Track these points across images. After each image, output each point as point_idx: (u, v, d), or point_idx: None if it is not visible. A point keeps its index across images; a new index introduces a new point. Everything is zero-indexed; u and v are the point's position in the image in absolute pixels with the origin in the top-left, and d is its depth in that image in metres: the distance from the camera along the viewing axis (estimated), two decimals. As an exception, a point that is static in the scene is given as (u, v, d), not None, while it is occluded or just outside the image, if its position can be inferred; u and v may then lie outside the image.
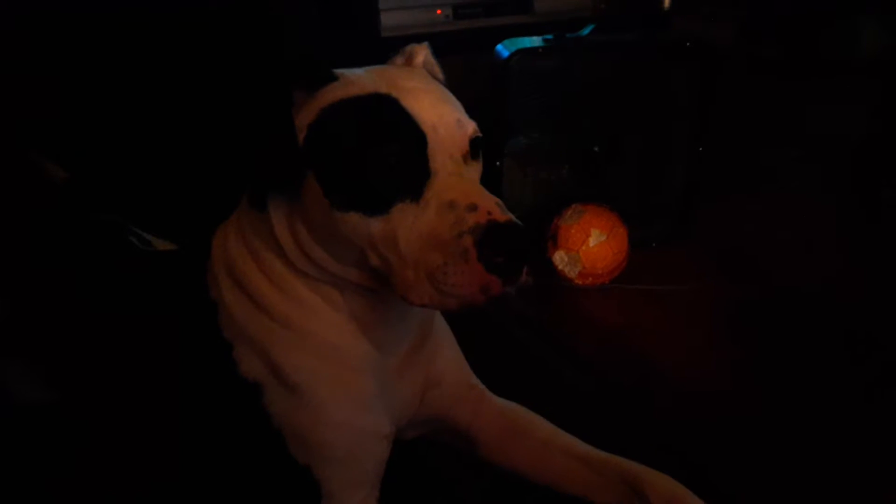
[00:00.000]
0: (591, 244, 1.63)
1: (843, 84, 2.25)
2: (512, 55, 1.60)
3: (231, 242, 0.83)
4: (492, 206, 0.67)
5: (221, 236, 0.85)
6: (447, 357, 0.95)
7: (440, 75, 0.90)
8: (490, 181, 1.71)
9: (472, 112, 0.81)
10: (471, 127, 0.77)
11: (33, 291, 0.91)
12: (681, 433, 1.12)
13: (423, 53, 0.87)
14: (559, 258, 1.65)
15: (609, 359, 1.38)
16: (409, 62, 0.87)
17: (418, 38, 1.69)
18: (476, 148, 0.77)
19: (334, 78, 0.76)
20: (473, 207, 0.67)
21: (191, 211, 1.00)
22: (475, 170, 0.77)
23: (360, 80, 0.76)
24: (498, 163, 1.67)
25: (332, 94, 0.75)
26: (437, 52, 0.91)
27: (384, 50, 1.64)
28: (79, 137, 1.18)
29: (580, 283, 1.65)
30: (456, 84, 0.91)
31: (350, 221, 0.72)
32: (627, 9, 1.83)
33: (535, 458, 0.93)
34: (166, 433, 0.87)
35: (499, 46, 1.63)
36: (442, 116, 0.74)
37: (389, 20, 1.63)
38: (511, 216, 0.68)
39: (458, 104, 0.79)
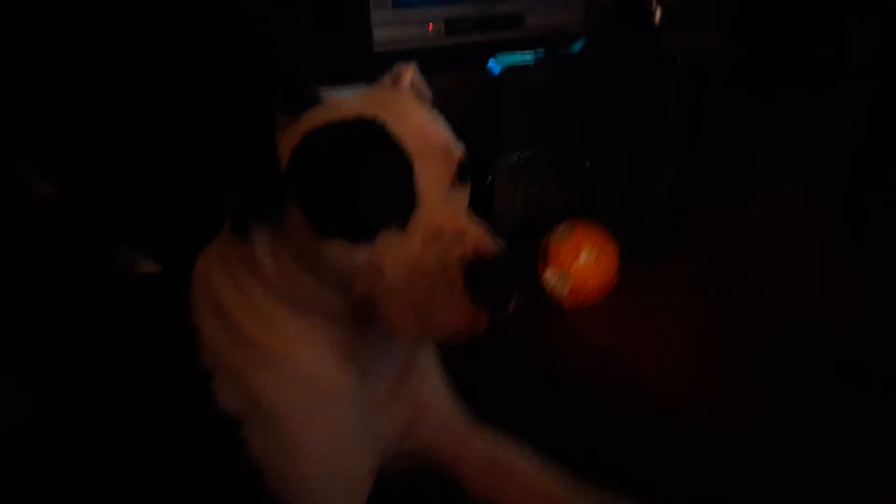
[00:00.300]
0: (581, 262, 1.62)
1: (835, 90, 2.25)
2: (503, 71, 1.59)
3: (213, 269, 0.81)
4: (479, 236, 0.65)
5: (204, 262, 0.83)
6: (433, 388, 0.93)
7: (428, 94, 0.88)
8: (481, 197, 1.72)
9: (463, 128, 0.79)
10: (458, 151, 0.74)
11: (12, 311, 0.90)
12: (672, 452, 1.11)
13: (410, 74, 0.85)
14: (550, 276, 1.64)
15: (600, 376, 1.37)
16: (396, 83, 0.85)
17: (410, 54, 1.68)
18: (464, 172, 0.75)
19: (319, 100, 0.74)
20: (460, 237, 0.65)
21: (178, 231, 0.98)
22: (463, 194, 0.75)
23: (345, 103, 0.74)
24: (489, 178, 1.66)
25: (316, 117, 0.72)
26: (429, 68, 0.89)
27: (376, 65, 1.65)
28: (66, 152, 1.16)
29: (571, 300, 1.64)
30: (447, 99, 0.90)
31: (334, 249, 0.69)
32: (618, 23, 1.83)
33: (519, 497, 0.91)
34: (144, 461, 0.85)
35: (490, 62, 1.62)
36: (429, 141, 0.71)
37: (382, 35, 1.61)
38: (498, 246, 0.66)
39: (445, 128, 0.77)
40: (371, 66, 1.71)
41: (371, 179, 0.68)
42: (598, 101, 1.68)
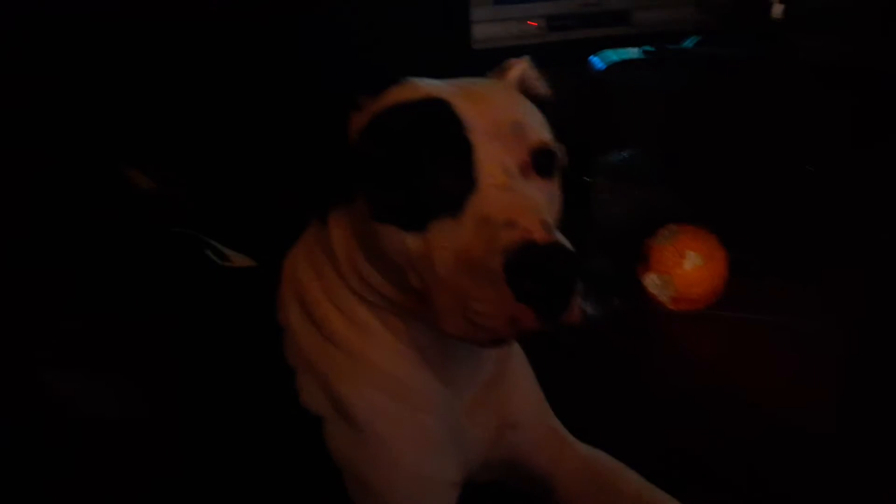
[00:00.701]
0: (686, 267, 1.54)
1: None
2: (608, 67, 1.53)
3: (300, 262, 0.80)
4: (533, 224, 0.57)
5: (293, 255, 0.82)
6: (525, 396, 0.88)
7: (542, 90, 0.81)
8: (579, 198, 1.66)
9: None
10: (535, 136, 0.68)
11: (104, 305, 0.92)
12: (774, 474, 1.03)
13: (520, 68, 0.80)
14: (651, 280, 1.57)
15: (701, 388, 1.29)
16: (501, 76, 0.81)
17: (510, 51, 1.65)
18: (545, 161, 0.68)
19: (399, 82, 0.71)
20: (511, 224, 0.58)
21: (272, 225, 0.98)
22: (540, 186, 0.67)
23: (421, 84, 0.70)
24: (588, 179, 1.61)
25: (389, 98, 0.70)
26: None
27: (476, 62, 1.62)
28: (164, 148, 1.20)
29: (673, 307, 1.57)
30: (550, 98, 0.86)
31: (386, 235, 0.65)
32: (734, 21, 1.72)
33: None
34: (226, 458, 0.85)
35: (593, 58, 1.56)
36: (498, 121, 0.66)
37: (481, 32, 1.59)
38: (559, 238, 0.58)
39: (529, 112, 0.71)
40: (469, 64, 1.70)
41: (424, 159, 0.64)
42: (708, 102, 1.59)
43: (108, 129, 1.19)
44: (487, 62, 1.36)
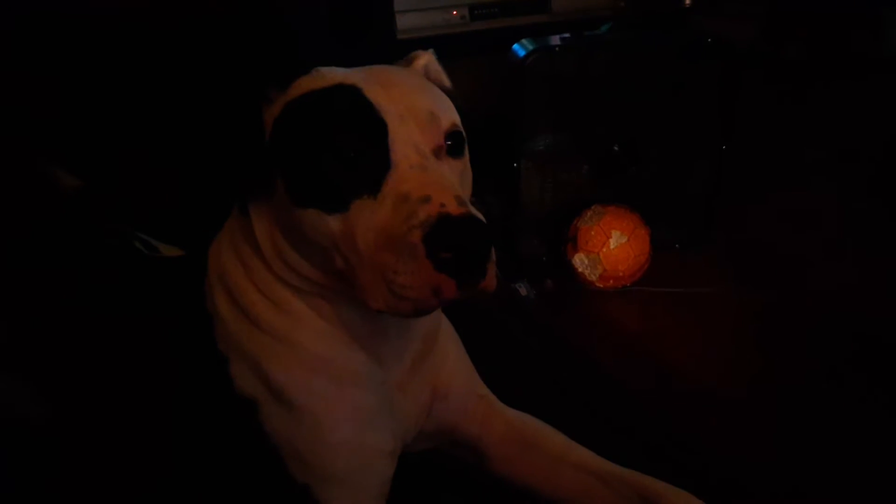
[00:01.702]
0: (611, 246, 1.59)
1: (872, 83, 2.18)
2: (528, 54, 1.57)
3: (224, 252, 0.80)
4: (447, 199, 0.61)
5: (217, 245, 0.83)
6: (454, 366, 0.91)
7: (446, 82, 0.84)
8: (507, 183, 1.70)
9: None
10: (447, 120, 0.71)
11: (31, 304, 0.91)
12: (698, 440, 1.09)
13: (424, 58, 0.83)
14: (579, 260, 1.62)
15: (628, 363, 1.35)
16: (408, 65, 0.83)
17: (434, 40, 1.68)
18: (454, 143, 0.71)
19: (307, 72, 0.73)
20: (426, 199, 0.61)
21: (198, 215, 0.99)
22: (453, 167, 0.71)
23: (331, 73, 0.72)
24: (515, 164, 1.65)
25: (299, 87, 0.72)
26: (454, 54, 0.87)
27: (400, 52, 1.64)
28: (87, 144, 1.18)
29: (601, 285, 1.62)
30: (473, 85, 0.88)
31: (309, 219, 0.68)
32: (647, 7, 1.79)
33: (547, 473, 0.89)
34: (162, 447, 0.85)
35: (515, 46, 1.60)
36: (410, 107, 0.68)
37: (405, 22, 1.61)
38: (472, 210, 0.61)
39: (438, 98, 0.74)
40: (394, 54, 1.72)
41: (341, 144, 0.66)
42: (626, 85, 1.65)
43: (27, 127, 1.16)
44: (411, 51, 1.38)
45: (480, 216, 0.62)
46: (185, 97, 1.19)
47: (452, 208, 0.60)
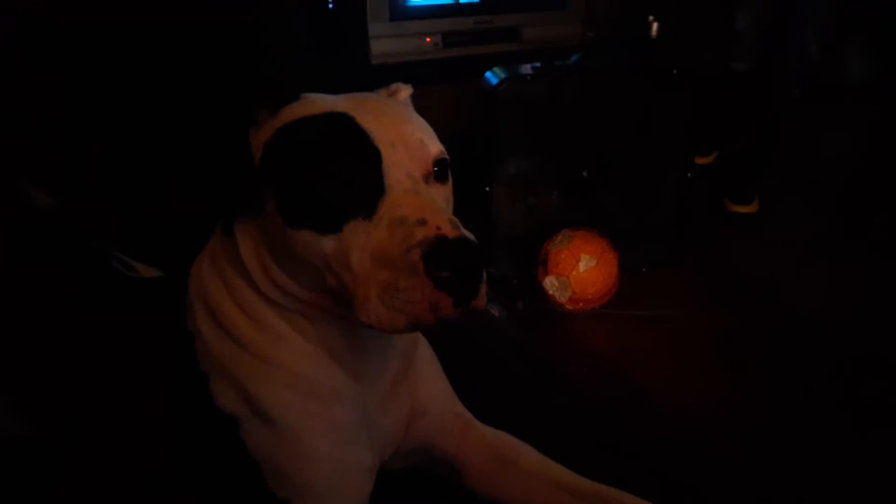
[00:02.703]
0: (581, 269, 1.63)
1: (836, 111, 2.27)
2: (500, 82, 1.61)
3: (205, 271, 0.81)
4: (442, 222, 0.64)
5: (198, 265, 0.83)
6: (432, 385, 0.92)
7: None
8: (480, 206, 1.73)
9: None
10: (435, 148, 0.74)
11: (10, 322, 0.90)
12: (669, 458, 1.11)
13: (407, 92, 0.86)
14: (550, 283, 1.65)
15: (599, 383, 1.38)
16: (391, 95, 0.86)
17: (408, 66, 1.71)
18: (441, 169, 0.74)
19: (297, 98, 0.75)
20: (423, 222, 0.64)
21: (177, 236, 0.99)
22: (440, 191, 0.74)
23: (321, 100, 0.75)
24: (487, 188, 1.68)
25: (291, 113, 0.74)
26: (427, 80, 0.90)
27: (374, 76, 1.66)
28: (63, 161, 1.18)
29: (571, 307, 1.65)
30: (445, 111, 0.90)
31: (303, 240, 0.69)
32: (615, 37, 1.85)
33: (523, 489, 0.90)
34: (144, 465, 0.85)
35: (488, 74, 1.64)
36: (402, 135, 0.71)
37: (379, 48, 1.64)
38: (464, 232, 0.65)
39: (425, 127, 0.76)
40: (368, 78, 1.75)
41: (337, 169, 0.68)
42: (594, 112, 1.70)
43: (3, 144, 1.16)
44: (385, 76, 1.40)
45: (473, 238, 0.65)
46: (171, 116, 1.20)
47: (448, 231, 0.63)
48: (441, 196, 0.73)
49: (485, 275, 0.66)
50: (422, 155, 0.73)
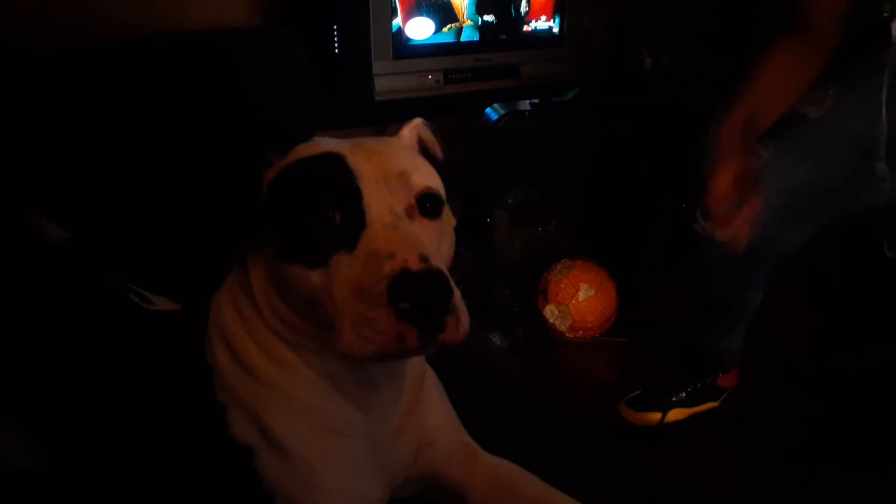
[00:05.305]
0: (580, 298, 1.67)
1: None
2: (500, 118, 1.66)
3: (224, 305, 0.84)
4: (410, 256, 0.67)
5: (217, 298, 0.87)
6: (439, 416, 0.94)
7: (438, 153, 0.88)
8: (480, 237, 1.77)
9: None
10: (420, 183, 0.76)
11: (26, 353, 0.93)
12: (667, 487, 1.14)
13: (409, 126, 0.88)
14: (550, 312, 1.69)
15: (599, 410, 1.41)
16: (396, 133, 0.89)
17: (410, 102, 1.77)
18: (430, 205, 0.76)
19: (307, 140, 0.80)
20: (391, 256, 0.67)
21: (192, 270, 1.02)
22: (426, 227, 0.75)
23: (326, 142, 0.79)
24: (488, 219, 1.72)
25: (296, 153, 0.78)
26: (429, 116, 0.93)
27: (377, 112, 1.71)
28: (77, 197, 1.21)
29: (571, 336, 1.69)
30: (446, 145, 0.94)
31: (294, 273, 0.73)
32: (610, 73, 1.90)
33: None
34: (160, 494, 0.87)
35: (488, 110, 1.70)
36: (387, 171, 0.75)
37: (383, 85, 1.69)
38: (431, 266, 0.66)
39: (415, 163, 0.79)
40: (372, 114, 1.80)
41: (321, 205, 0.71)
42: (592, 146, 1.75)
43: (13, 177, 1.19)
44: (388, 112, 1.44)
45: (442, 271, 0.67)
46: (186, 153, 1.24)
47: (413, 264, 0.66)
48: (428, 231, 0.75)
49: (457, 308, 0.68)
50: (404, 189, 0.75)
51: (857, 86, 1.17)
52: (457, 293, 0.68)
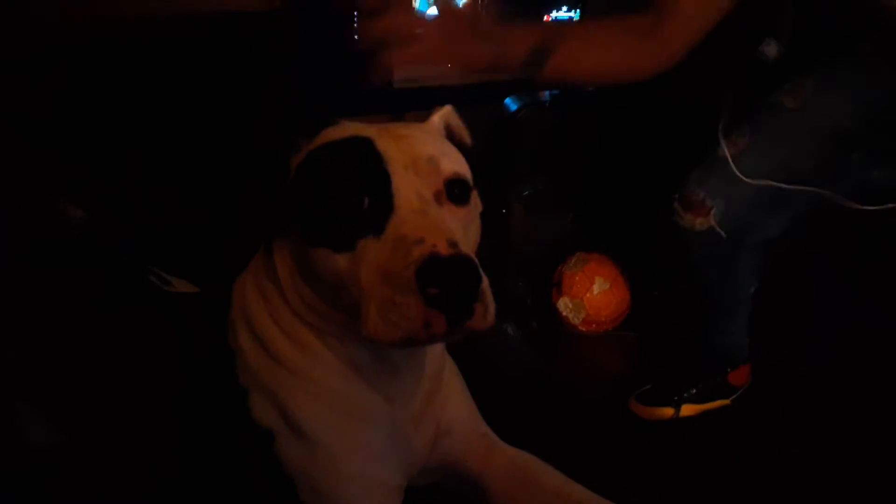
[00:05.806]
0: (595, 292, 1.66)
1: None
2: (519, 108, 1.65)
3: (248, 288, 0.84)
4: (439, 241, 0.66)
5: (242, 281, 0.87)
6: (458, 405, 0.95)
7: (466, 139, 0.89)
8: (495, 227, 1.76)
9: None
10: (449, 168, 0.76)
11: (48, 333, 0.93)
12: (674, 483, 1.14)
13: (439, 113, 0.88)
14: (564, 305, 1.68)
15: (613, 402, 1.40)
16: (425, 119, 0.89)
17: (428, 90, 1.75)
18: (459, 191, 0.76)
19: (334, 123, 0.79)
20: (420, 241, 0.66)
21: (216, 253, 1.02)
22: (454, 213, 0.75)
23: (352, 125, 0.79)
24: (504, 210, 1.71)
25: (323, 137, 0.78)
26: (446, 104, 0.92)
27: (396, 100, 1.70)
28: (97, 177, 1.21)
29: (584, 329, 1.68)
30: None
31: (320, 258, 0.72)
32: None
33: None
34: (180, 478, 0.87)
35: (507, 100, 1.68)
36: (416, 156, 0.74)
37: (401, 72, 1.68)
38: (461, 251, 0.66)
39: (444, 149, 0.79)
40: (391, 101, 1.79)
41: (348, 190, 0.72)
42: (611, 139, 1.74)
43: (36, 158, 1.19)
44: (406, 100, 1.43)
45: (471, 257, 0.67)
46: (211, 138, 1.24)
47: (442, 249, 0.65)
48: (456, 217, 0.75)
49: (485, 295, 0.67)
50: (433, 174, 0.75)
51: (836, 77, 1.16)
52: (485, 280, 0.68)
